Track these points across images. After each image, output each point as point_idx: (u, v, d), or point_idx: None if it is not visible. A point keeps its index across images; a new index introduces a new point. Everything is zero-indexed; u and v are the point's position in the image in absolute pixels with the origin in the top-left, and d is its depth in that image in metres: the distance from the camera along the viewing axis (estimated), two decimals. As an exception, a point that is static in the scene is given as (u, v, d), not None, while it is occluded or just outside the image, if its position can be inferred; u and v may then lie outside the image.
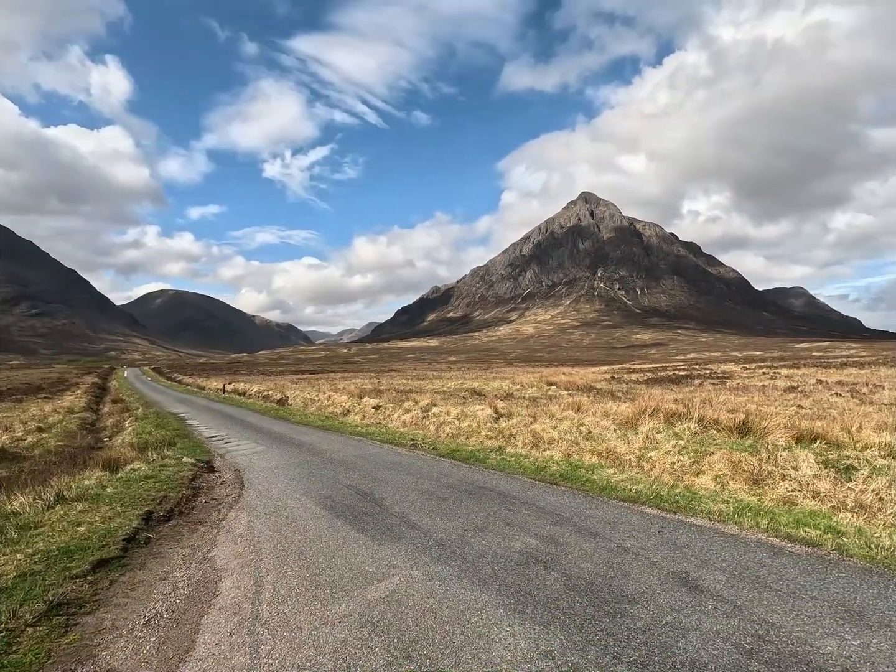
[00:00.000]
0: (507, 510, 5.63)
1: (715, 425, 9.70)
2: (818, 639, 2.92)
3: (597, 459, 8.39)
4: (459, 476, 7.49)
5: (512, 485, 6.87)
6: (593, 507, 5.69)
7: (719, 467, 7.12)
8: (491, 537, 4.77)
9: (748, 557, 4.15)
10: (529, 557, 4.25)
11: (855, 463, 6.74)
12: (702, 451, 7.91)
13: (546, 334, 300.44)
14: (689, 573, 3.86)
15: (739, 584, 3.66)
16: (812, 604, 3.35)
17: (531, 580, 3.81)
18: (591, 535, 4.74)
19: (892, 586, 3.59)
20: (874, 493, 5.72)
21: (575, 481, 6.99)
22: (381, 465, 8.47)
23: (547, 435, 10.33)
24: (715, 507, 5.62)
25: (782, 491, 6.18)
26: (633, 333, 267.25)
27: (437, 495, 6.36)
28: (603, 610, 3.33)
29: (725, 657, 2.77)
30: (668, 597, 3.49)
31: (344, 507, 5.99)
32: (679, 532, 4.81)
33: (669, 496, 6.05)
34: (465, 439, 11.18)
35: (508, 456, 9.07)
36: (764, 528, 4.90)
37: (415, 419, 14.14)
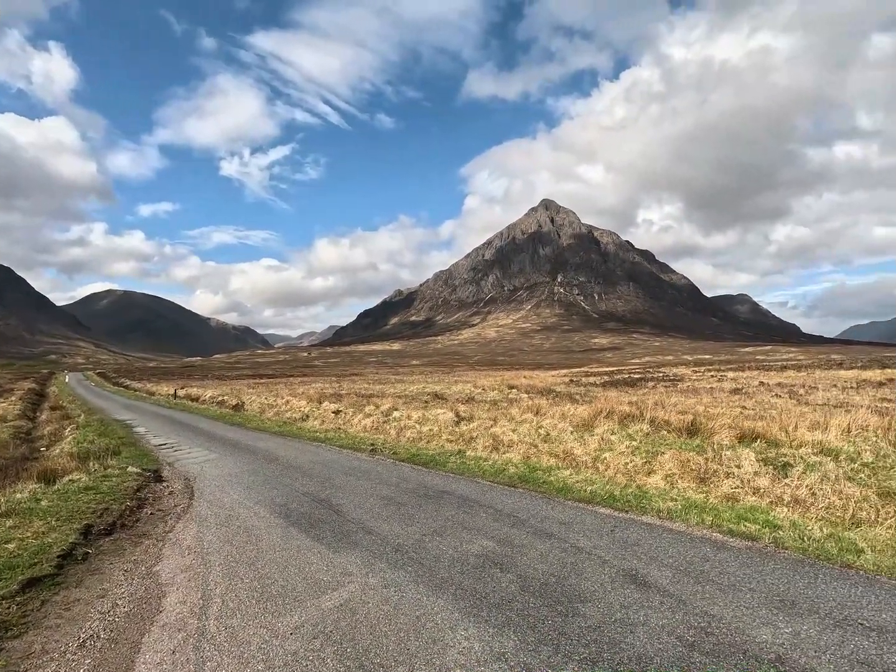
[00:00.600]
0: (466, 514, 5.66)
1: (666, 426, 10.08)
2: (754, 628, 3.08)
3: (554, 461, 8.56)
4: (419, 480, 7.46)
5: (471, 488, 6.91)
6: (549, 509, 5.79)
7: (669, 467, 7.40)
8: (449, 541, 4.78)
9: (693, 553, 4.33)
10: (486, 560, 4.28)
11: (791, 460, 7.16)
12: (653, 451, 8.20)
13: (508, 338, 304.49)
14: (638, 570, 3.99)
15: (684, 578, 3.82)
16: (750, 595, 3.53)
17: (487, 583, 3.84)
18: (547, 536, 4.82)
19: (821, 576, 3.83)
20: (808, 488, 6.09)
21: (533, 483, 7.10)
22: (339, 470, 8.33)
23: (507, 438, 10.45)
24: (664, 505, 5.84)
25: (726, 488, 6.49)
26: (592, 338, 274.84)
27: (396, 500, 6.31)
28: (556, 609, 3.39)
29: (670, 650, 2.88)
30: (618, 594, 3.59)
31: (299, 514, 5.84)
32: (630, 530, 4.97)
33: (622, 496, 6.24)
34: (425, 443, 11.16)
35: (468, 459, 9.12)
36: (708, 524, 5.13)
37: (375, 424, 13.99)
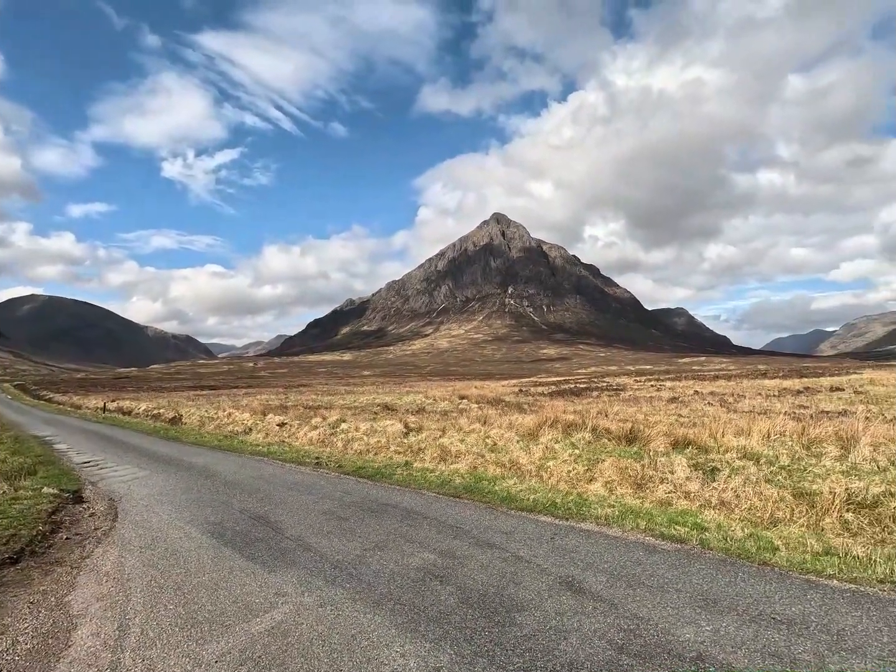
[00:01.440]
0: (409, 526, 5.59)
1: (607, 434, 10.45)
2: (679, 627, 3.22)
3: (500, 471, 8.64)
4: (364, 494, 7.32)
5: (416, 500, 6.84)
6: (493, 519, 5.83)
7: (609, 474, 7.65)
8: (390, 555, 4.70)
9: (627, 557, 4.49)
10: (427, 573, 4.24)
11: (718, 465, 7.59)
12: (594, 459, 8.46)
13: (460, 348, 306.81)
14: (574, 577, 4.08)
15: (618, 583, 3.94)
16: (676, 596, 3.69)
17: (426, 596, 3.80)
18: (489, 547, 4.85)
19: (740, 574, 4.07)
20: (732, 491, 6.48)
21: (478, 493, 7.13)
22: (281, 485, 8.03)
23: (454, 448, 10.46)
24: (603, 511, 6.02)
25: (661, 493, 6.79)
26: (541, 348, 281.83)
27: (339, 515, 6.15)
28: (493, 620, 3.40)
29: (600, 654, 2.95)
30: (554, 602, 3.65)
31: (234, 533, 5.56)
32: (569, 538, 5.08)
33: (563, 503, 6.38)
34: (373, 455, 10.99)
35: (415, 471, 9.05)
36: (643, 528, 5.33)
37: (322, 436, 13.64)
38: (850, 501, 5.74)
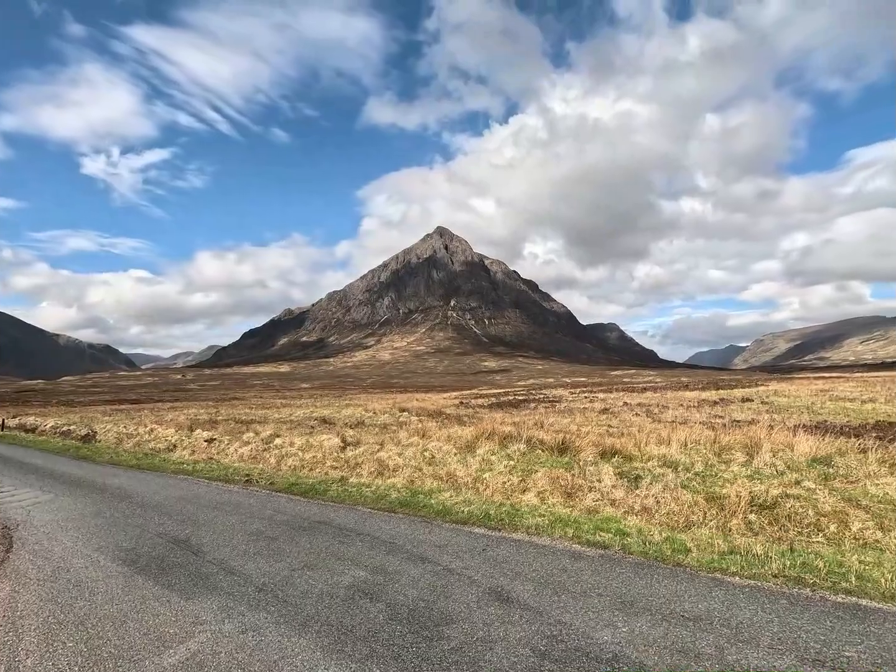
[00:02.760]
0: (341, 544, 5.47)
1: (541, 445, 10.77)
2: (597, 630, 3.38)
3: (437, 484, 8.67)
4: (295, 512, 7.07)
5: (350, 516, 6.71)
6: (427, 532, 5.83)
7: (542, 484, 7.90)
8: (319, 575, 4.57)
9: (554, 565, 4.64)
10: (357, 591, 4.17)
11: (641, 473, 8.04)
12: (528, 469, 8.69)
13: (402, 360, 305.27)
14: (503, 587, 4.17)
15: (544, 590, 4.07)
16: (598, 600, 3.87)
17: (355, 615, 3.73)
18: (421, 561, 4.84)
19: (656, 576, 4.33)
20: (653, 497, 6.88)
21: (413, 507, 7.11)
22: (205, 506, 7.59)
23: (392, 462, 10.38)
24: (534, 521, 6.19)
25: (589, 501, 7.09)
26: (482, 361, 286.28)
27: (267, 535, 5.90)
28: (421, 635, 3.40)
29: (523, 662, 3.03)
30: (482, 613, 3.71)
31: (150, 559, 5.18)
32: (500, 548, 5.18)
33: (497, 514, 6.50)
34: (308, 471, 10.67)
35: (351, 486, 8.88)
36: (570, 536, 5.54)
37: (254, 452, 13.06)
38: (753, 503, 6.28)
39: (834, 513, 5.87)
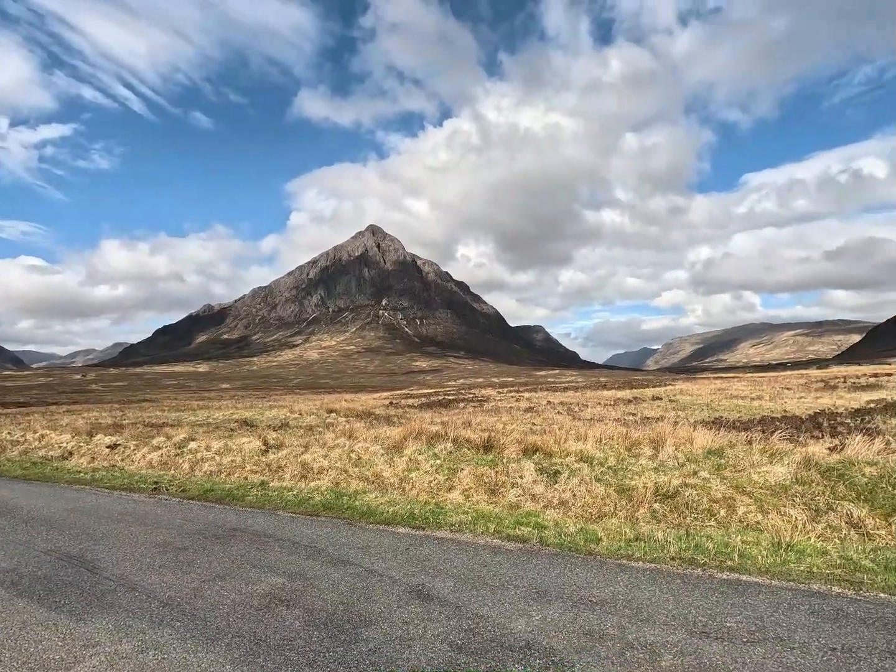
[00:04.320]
0: (258, 550, 5.24)
1: (467, 444, 10.97)
2: (513, 620, 3.51)
3: (363, 485, 8.57)
4: (209, 519, 6.67)
5: (269, 522, 6.44)
6: (350, 535, 5.74)
7: (467, 482, 8.05)
8: (233, 584, 4.34)
9: (475, 560, 4.76)
10: (273, 599, 4.01)
11: (560, 468, 8.45)
12: (454, 468, 8.83)
13: (331, 360, 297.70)
14: (424, 585, 4.20)
15: (464, 586, 4.16)
16: (514, 592, 4.02)
17: (269, 624, 3.59)
18: (342, 563, 4.76)
19: (568, 565, 4.58)
20: (570, 491, 7.25)
21: (337, 510, 6.97)
22: (104, 517, 6.94)
23: (317, 464, 10.12)
24: (458, 518, 6.30)
25: (511, 497, 7.33)
26: (413, 360, 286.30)
27: (176, 546, 5.51)
28: (339, 639, 3.34)
29: (441, 657, 3.08)
30: (402, 612, 3.72)
31: (34, 580, 4.65)
32: (423, 547, 5.22)
33: (421, 513, 6.54)
34: (225, 476, 10.11)
35: (272, 490, 8.54)
36: (492, 531, 5.70)
37: (165, 457, 12.15)
38: (658, 493, 6.81)
39: (724, 499, 6.51)
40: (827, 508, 5.95)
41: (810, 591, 3.86)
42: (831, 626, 3.28)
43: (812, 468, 6.99)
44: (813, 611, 3.50)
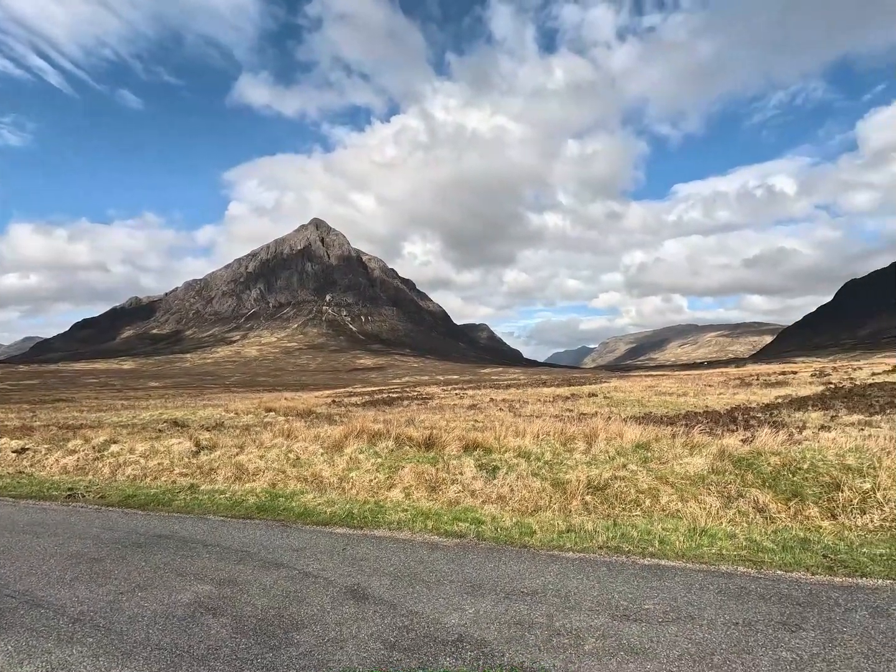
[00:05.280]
0: (184, 558, 4.98)
1: (409, 442, 10.97)
2: (446, 615, 3.57)
3: (301, 485, 8.37)
4: (130, 527, 6.25)
5: (198, 527, 6.14)
6: (285, 537, 5.59)
7: (408, 480, 8.06)
8: (154, 594, 4.10)
9: (412, 557, 4.78)
10: (198, 607, 3.83)
11: (499, 464, 8.64)
12: (396, 466, 8.81)
13: (271, 357, 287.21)
14: (360, 584, 4.17)
15: (400, 584, 4.17)
16: (450, 587, 4.08)
17: (194, 634, 3.43)
18: (276, 567, 4.63)
19: (503, 558, 4.71)
20: (508, 486, 7.44)
21: (273, 512, 6.76)
22: (7, 529, 6.33)
23: (252, 465, 9.76)
24: (397, 516, 6.30)
25: (451, 494, 7.41)
26: (358, 358, 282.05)
27: (90, 556, 5.13)
28: (268, 645, 3.25)
29: (374, 655, 3.08)
30: (336, 613, 3.67)
31: (-81, 601, 4.16)
32: (361, 546, 5.18)
33: (360, 513, 6.48)
34: (151, 480, 9.53)
35: (202, 494, 8.14)
36: (430, 528, 5.74)
37: (82, 462, 11.26)
38: (590, 486, 7.14)
39: (649, 490, 6.93)
40: (737, 495, 6.48)
41: (719, 571, 4.21)
42: (735, 602, 3.59)
43: (726, 459, 7.58)
44: (720, 590, 3.82)
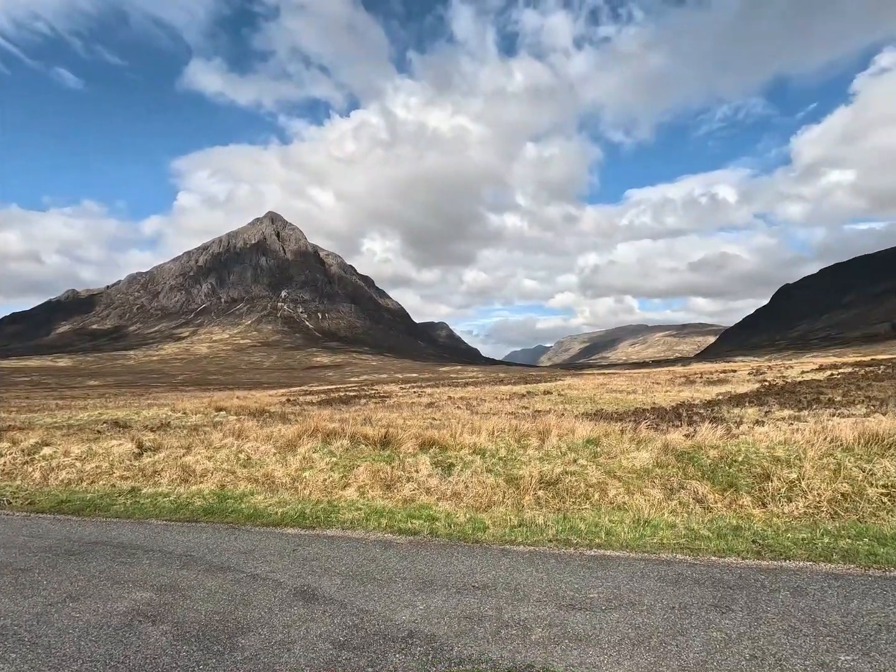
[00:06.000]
0: (122, 564, 4.73)
1: (365, 440, 10.86)
2: (397, 612, 3.57)
3: (252, 486, 8.15)
4: (63, 534, 5.88)
5: (139, 532, 5.85)
6: (233, 539, 5.42)
7: (363, 479, 8.00)
8: (88, 604, 3.88)
9: (364, 556, 4.75)
10: (136, 616, 3.65)
11: (455, 461, 8.71)
12: (351, 465, 8.71)
13: (223, 355, 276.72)
14: (310, 585, 4.11)
15: (351, 583, 4.13)
16: (401, 584, 4.08)
17: (131, 644, 3.27)
18: (222, 571, 4.48)
19: (455, 554, 4.76)
20: (463, 483, 7.51)
21: (221, 514, 6.54)
22: (-81, 541, 5.80)
23: (200, 467, 9.41)
24: (350, 515, 6.23)
25: (407, 492, 7.41)
26: (314, 356, 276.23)
27: (16, 567, 4.78)
28: (211, 651, 3.15)
29: (322, 656, 3.04)
30: (284, 615, 3.60)
31: None
32: (313, 547, 5.09)
33: (313, 513, 6.37)
34: (87, 484, 9.00)
35: (144, 497, 7.77)
36: (384, 526, 5.72)
37: (8, 467, 10.48)
38: (542, 481, 7.31)
39: (598, 484, 7.17)
40: (679, 487, 6.82)
41: (660, 560, 4.42)
42: (673, 588, 3.79)
43: (670, 453, 7.96)
44: (660, 577, 4.02)
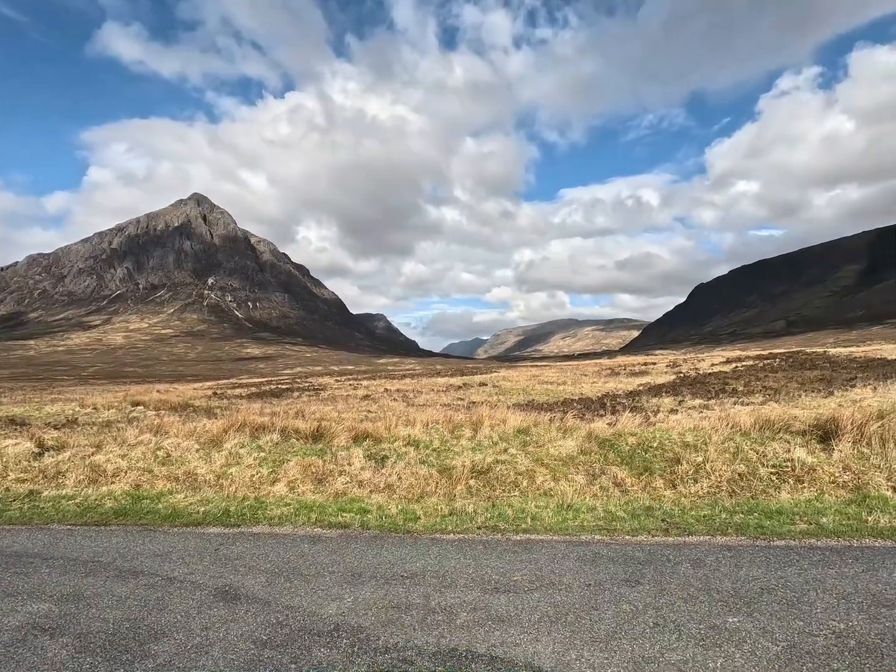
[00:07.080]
0: (16, 575, 4.30)
1: (296, 434, 10.56)
2: (324, 607, 3.53)
3: (171, 485, 7.69)
4: (-58, 546, 5.23)
5: (37, 539, 5.34)
6: (147, 542, 5.09)
7: (293, 473, 7.78)
8: (-27, 621, 3.50)
9: (292, 552, 4.64)
10: (32, 629, 3.34)
11: (388, 453, 8.70)
12: (280, 460, 8.45)
13: (141, 345, 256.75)
14: (232, 585, 3.95)
15: (277, 580, 4.03)
16: (329, 578, 4.03)
17: (23, 660, 2.99)
18: (133, 575, 4.20)
19: (386, 545, 4.77)
20: (396, 474, 7.52)
21: (134, 515, 6.11)
22: None
23: (112, 466, 8.73)
24: (278, 511, 6.05)
25: (339, 485, 7.31)
26: (244, 347, 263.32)
27: None
28: (119, 660, 2.95)
29: (242, 657, 2.95)
30: (202, 617, 3.45)
31: None
32: (236, 545, 4.90)
33: (238, 510, 6.12)
34: (-26, 489, 8.06)
35: (44, 501, 7.09)
36: (313, 521, 5.61)
37: None
38: (474, 470, 7.49)
39: (527, 471, 7.46)
40: (600, 473, 7.24)
41: (579, 541, 4.69)
42: (590, 567, 4.04)
43: (593, 440, 8.42)
44: (579, 557, 4.27)
